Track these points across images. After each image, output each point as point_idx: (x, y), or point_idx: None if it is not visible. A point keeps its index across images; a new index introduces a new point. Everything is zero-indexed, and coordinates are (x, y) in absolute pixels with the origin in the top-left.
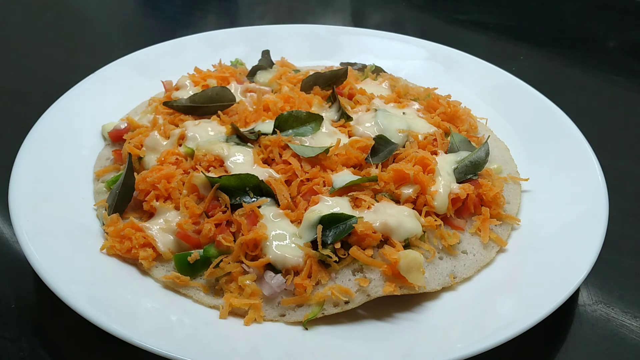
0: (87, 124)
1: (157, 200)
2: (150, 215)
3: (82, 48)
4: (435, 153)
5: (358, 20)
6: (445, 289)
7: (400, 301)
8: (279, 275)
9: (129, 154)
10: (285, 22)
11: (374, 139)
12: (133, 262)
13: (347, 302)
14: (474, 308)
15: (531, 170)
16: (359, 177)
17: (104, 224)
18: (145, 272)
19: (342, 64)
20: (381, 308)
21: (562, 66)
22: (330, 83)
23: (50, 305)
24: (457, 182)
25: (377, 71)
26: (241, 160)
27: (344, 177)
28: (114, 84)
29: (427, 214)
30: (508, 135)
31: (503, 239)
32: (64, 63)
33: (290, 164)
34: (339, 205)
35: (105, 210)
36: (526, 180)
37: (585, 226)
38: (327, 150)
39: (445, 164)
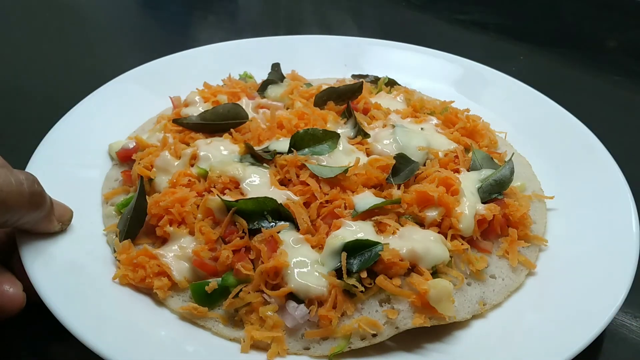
0: (93, 143)
1: (170, 225)
2: (163, 241)
3: (82, 47)
4: (457, 171)
5: (357, 20)
6: (475, 316)
7: (429, 331)
8: (302, 305)
9: (141, 177)
10: (284, 22)
11: (394, 157)
12: (147, 291)
13: (374, 335)
14: (506, 338)
15: (551, 187)
16: (382, 199)
17: (115, 251)
18: (160, 302)
19: (353, 76)
20: (409, 339)
21: (562, 66)
22: (345, 98)
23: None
24: (482, 202)
25: (391, 84)
26: (257, 182)
27: (366, 199)
28: (118, 100)
29: (453, 237)
30: (524, 149)
31: (532, 261)
32: (62, 62)
33: (308, 185)
34: (363, 231)
35: (116, 236)
36: (551, 198)
37: (616, 245)
38: (346, 170)
39: (469, 182)
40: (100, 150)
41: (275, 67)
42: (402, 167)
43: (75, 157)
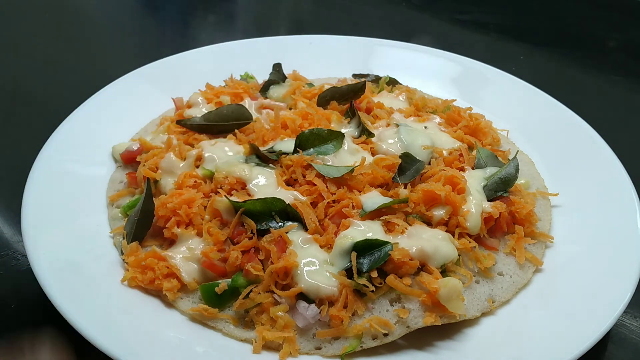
0: (96, 145)
1: (178, 227)
2: (170, 242)
3: (82, 49)
4: (462, 169)
5: (357, 20)
6: (484, 313)
7: (439, 328)
8: (313, 305)
9: (147, 179)
10: (284, 22)
11: (399, 156)
12: (156, 293)
13: (386, 335)
14: (515, 335)
15: (555, 184)
16: (390, 198)
17: (122, 253)
18: (169, 304)
19: (354, 75)
20: (420, 337)
21: (562, 66)
22: (348, 97)
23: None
24: (488, 200)
25: (392, 83)
26: (264, 183)
27: (373, 198)
28: (120, 102)
29: (460, 235)
30: (526, 147)
31: (538, 257)
32: (63, 64)
33: (314, 185)
34: (372, 230)
35: (124, 238)
36: (556, 195)
37: (620, 242)
38: (352, 170)
39: (474, 181)
40: (103, 152)
41: (277, 67)
42: (408, 166)
43: (80, 159)
